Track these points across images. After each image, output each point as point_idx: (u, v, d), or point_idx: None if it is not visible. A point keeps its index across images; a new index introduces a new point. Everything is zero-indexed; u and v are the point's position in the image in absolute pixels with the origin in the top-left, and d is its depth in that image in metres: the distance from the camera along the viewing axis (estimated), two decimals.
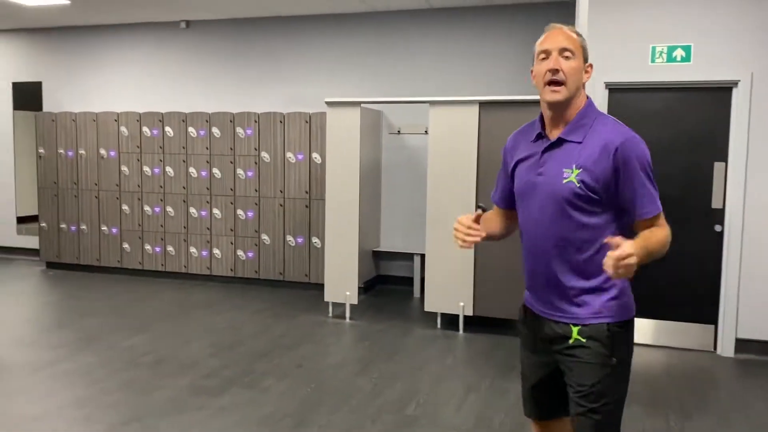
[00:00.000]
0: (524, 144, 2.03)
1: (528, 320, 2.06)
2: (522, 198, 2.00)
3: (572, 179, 1.84)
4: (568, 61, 1.85)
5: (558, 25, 1.92)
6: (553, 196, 1.87)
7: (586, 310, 1.89)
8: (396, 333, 5.22)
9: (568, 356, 1.91)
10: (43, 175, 7.62)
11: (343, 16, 6.86)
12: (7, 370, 4.26)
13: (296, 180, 6.64)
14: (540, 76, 1.88)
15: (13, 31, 8.19)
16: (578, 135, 1.89)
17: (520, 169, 2.01)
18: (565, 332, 1.91)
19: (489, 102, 5.11)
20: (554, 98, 1.86)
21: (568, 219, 1.87)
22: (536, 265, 1.96)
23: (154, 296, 6.36)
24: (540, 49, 1.90)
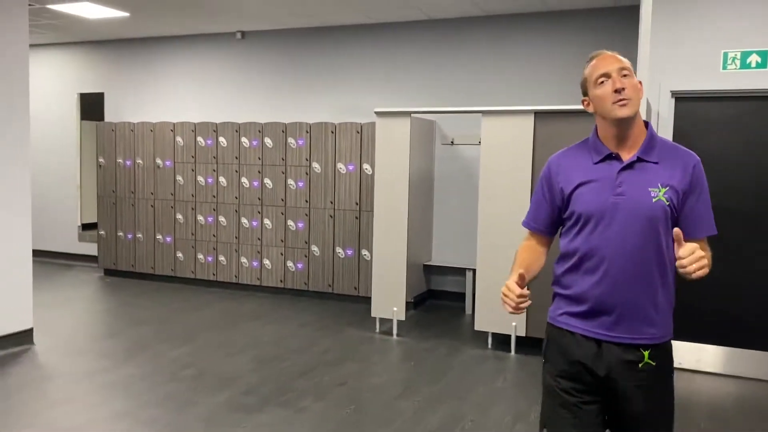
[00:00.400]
0: (581, 166, 1.98)
1: (573, 346, 1.95)
2: (593, 220, 1.92)
3: (661, 197, 1.87)
4: (628, 79, 1.89)
5: (603, 51, 1.96)
6: (642, 215, 1.87)
7: (658, 330, 1.90)
8: (444, 352, 5.01)
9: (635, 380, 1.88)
10: (103, 184, 7.80)
11: (397, 25, 6.74)
12: (55, 377, 4.30)
13: (346, 191, 6.53)
14: (605, 97, 1.89)
15: (78, 43, 8.46)
16: (654, 155, 1.92)
17: (584, 192, 1.95)
18: (635, 357, 1.88)
19: (545, 112, 4.86)
20: (626, 113, 1.87)
21: (654, 238, 1.87)
22: (610, 288, 1.89)
23: (204, 306, 6.36)
24: (598, 73, 1.91)
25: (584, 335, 1.93)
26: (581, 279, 1.94)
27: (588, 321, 1.93)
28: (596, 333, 1.91)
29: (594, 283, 1.91)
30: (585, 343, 1.92)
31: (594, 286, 1.91)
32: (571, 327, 1.96)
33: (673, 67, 4.54)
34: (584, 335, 1.93)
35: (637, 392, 1.88)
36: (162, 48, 7.98)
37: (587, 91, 1.96)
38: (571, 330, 1.96)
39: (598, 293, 1.90)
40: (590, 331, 1.92)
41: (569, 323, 1.97)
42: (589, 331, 1.92)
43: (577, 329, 1.94)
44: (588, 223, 1.92)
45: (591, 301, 1.92)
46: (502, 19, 6.31)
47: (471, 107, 5.43)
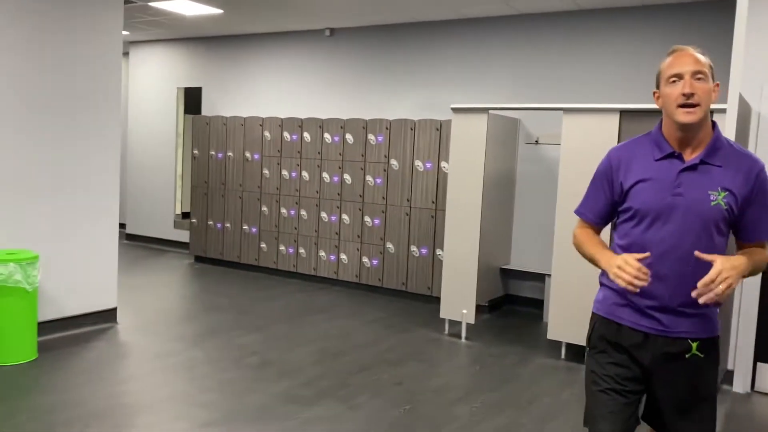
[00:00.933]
0: (643, 161, 1.99)
1: (621, 337, 2.00)
2: (650, 217, 1.94)
3: (720, 201, 1.87)
4: (701, 84, 1.86)
5: (684, 47, 1.93)
6: (699, 218, 1.88)
7: (706, 326, 1.95)
8: (512, 360, 4.82)
9: (681, 370, 1.94)
10: (196, 175, 8.15)
11: (483, 20, 6.57)
12: (129, 356, 4.52)
13: (423, 189, 6.45)
14: (672, 99, 1.89)
15: (179, 40, 8.89)
16: (718, 158, 1.91)
17: (643, 188, 1.96)
18: (683, 348, 1.94)
19: (632, 111, 4.56)
20: (689, 119, 1.86)
21: (709, 240, 1.89)
22: (661, 286, 1.92)
23: (281, 296, 6.49)
24: (671, 72, 1.90)
25: (632, 327, 1.98)
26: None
27: (635, 313, 1.97)
28: (643, 326, 1.96)
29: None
30: (632, 334, 1.97)
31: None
32: (619, 319, 2.00)
33: None
34: (632, 327, 1.98)
35: (681, 381, 1.94)
36: (254, 45, 8.24)
37: (659, 85, 1.95)
38: (618, 322, 2.01)
39: (647, 289, 1.90)
40: (637, 324, 1.97)
41: (617, 314, 2.01)
42: (637, 323, 1.97)
43: (625, 321, 1.99)
44: (644, 219, 1.94)
45: (639, 295, 1.93)
46: (591, 13, 6.00)
47: (555, 105, 5.18)
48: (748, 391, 4.34)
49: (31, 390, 3.81)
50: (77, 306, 4.92)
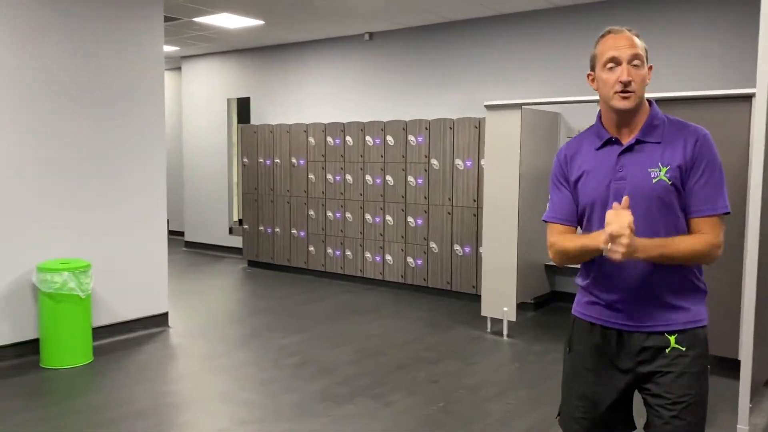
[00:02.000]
0: (584, 154, 1.95)
1: (595, 338, 1.94)
2: (597, 209, 1.89)
3: (662, 177, 1.81)
4: (637, 70, 1.82)
5: (621, 29, 1.88)
6: (644, 198, 1.81)
7: (684, 316, 1.85)
8: (554, 357, 4.77)
9: (662, 368, 1.84)
10: (247, 182, 8.41)
11: (519, 15, 6.52)
12: (177, 358, 4.73)
13: (464, 187, 6.45)
14: (609, 85, 1.84)
15: (227, 52, 9.20)
16: (655, 135, 1.86)
17: (588, 179, 1.92)
18: (661, 342, 1.84)
19: (668, 99, 4.43)
20: (626, 105, 1.83)
21: (660, 220, 1.82)
22: (624, 275, 1.85)
23: (327, 298, 6.62)
24: (608, 56, 1.84)
25: (604, 326, 1.91)
26: (594, 269, 1.92)
27: (606, 310, 1.91)
28: (616, 323, 1.89)
29: (605, 272, 1.88)
30: (606, 333, 1.91)
31: (605, 275, 1.89)
32: (592, 318, 1.95)
33: None
34: (604, 326, 1.91)
35: (664, 378, 1.82)
36: (296, 53, 8.43)
37: (594, 67, 1.91)
38: (591, 321, 1.95)
39: (610, 282, 1.88)
40: (610, 321, 1.90)
41: (589, 314, 1.96)
42: (609, 321, 1.91)
43: (597, 320, 1.93)
44: (593, 211, 1.90)
45: (605, 291, 1.90)
46: (625, 3, 5.85)
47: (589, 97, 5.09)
48: None
49: (85, 390, 4.05)
50: (130, 311, 5.18)
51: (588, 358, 1.94)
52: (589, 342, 1.95)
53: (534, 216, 5.87)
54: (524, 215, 5.34)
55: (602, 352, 1.92)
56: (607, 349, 1.91)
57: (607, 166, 1.87)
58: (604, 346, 1.91)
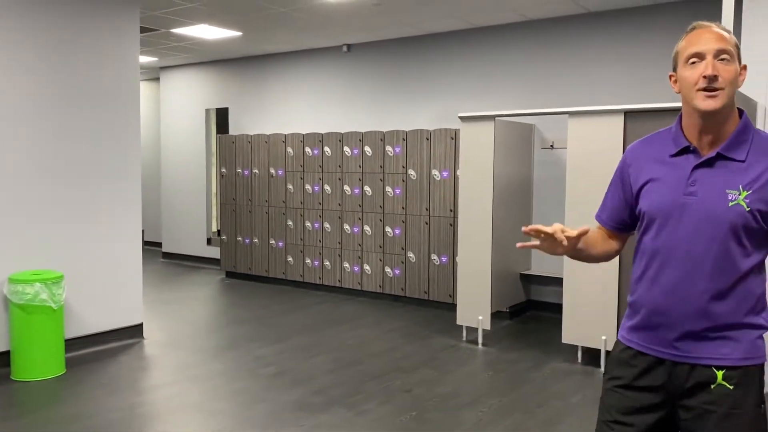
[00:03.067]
0: (657, 158, 1.75)
1: (635, 364, 1.74)
2: (659, 221, 1.70)
3: (740, 201, 1.58)
4: (725, 65, 1.60)
5: (706, 24, 1.66)
6: (713, 220, 1.61)
7: (736, 350, 1.62)
8: (527, 365, 4.81)
9: (706, 405, 1.62)
10: (225, 192, 8.40)
11: (494, 28, 6.62)
12: (150, 369, 4.70)
13: (441, 197, 6.50)
14: (691, 82, 1.62)
15: (205, 63, 9.20)
16: (740, 152, 1.63)
17: (655, 187, 1.73)
18: (706, 377, 1.63)
19: (635, 111, 4.53)
20: (711, 106, 1.60)
21: (725, 251, 1.61)
22: (668, 299, 1.67)
23: (306, 308, 6.62)
24: (691, 51, 1.63)
25: (644, 351, 1.72)
26: (644, 286, 1.73)
27: (649, 334, 1.72)
28: (657, 350, 1.70)
29: (655, 291, 1.69)
30: (643, 360, 1.71)
31: (654, 294, 1.69)
32: (632, 342, 1.76)
33: None
34: (644, 351, 1.72)
35: (706, 419, 1.62)
36: (275, 64, 8.47)
37: (676, 67, 1.70)
38: (630, 345, 1.76)
39: (657, 303, 1.69)
40: (650, 347, 1.71)
41: (630, 338, 1.77)
42: (649, 347, 1.71)
43: (636, 344, 1.74)
44: (653, 223, 1.71)
45: (651, 312, 1.71)
46: (598, 16, 5.97)
47: (559, 108, 5.17)
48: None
49: (56, 402, 4.02)
50: (104, 322, 5.14)
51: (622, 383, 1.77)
52: (624, 366, 1.77)
53: (511, 225, 5.95)
54: (499, 225, 5.41)
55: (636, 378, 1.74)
56: (647, 376, 1.72)
57: (679, 177, 1.67)
58: (644, 373, 1.73)
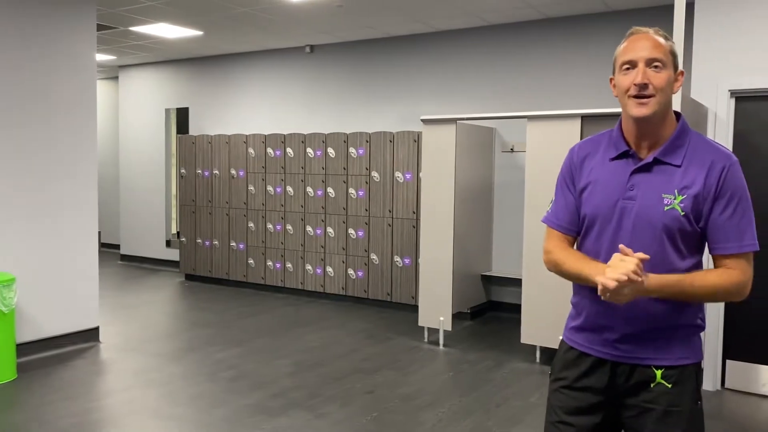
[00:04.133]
0: (598, 160, 1.77)
1: (579, 364, 1.78)
2: (598, 225, 1.73)
3: (675, 206, 1.63)
4: (657, 73, 1.64)
5: (643, 30, 1.69)
6: (650, 226, 1.64)
7: (673, 350, 1.69)
8: (487, 365, 4.87)
9: (646, 403, 1.68)
10: (184, 194, 8.27)
11: (456, 32, 6.68)
12: (106, 373, 4.60)
13: (404, 199, 6.53)
14: (624, 88, 1.67)
15: (165, 62, 9.06)
16: (676, 157, 1.67)
17: (593, 191, 1.75)
18: (646, 377, 1.68)
19: (592, 115, 4.63)
20: (642, 113, 1.64)
21: (662, 254, 1.64)
22: (613, 304, 1.67)
23: (267, 311, 6.57)
24: (625, 59, 1.67)
25: (586, 352, 1.77)
26: (585, 289, 1.76)
27: (591, 336, 1.76)
28: (599, 351, 1.74)
29: (595, 295, 1.67)
30: (587, 361, 1.76)
31: (596, 298, 1.68)
32: (575, 343, 1.81)
33: (732, 63, 4.18)
34: (586, 352, 1.77)
35: (647, 417, 1.68)
36: (237, 64, 8.39)
37: (615, 71, 1.73)
38: (573, 346, 1.81)
39: (599, 306, 1.72)
40: (592, 348, 1.76)
41: (573, 339, 1.82)
42: (591, 348, 1.76)
43: (579, 345, 1.79)
44: (593, 226, 1.74)
45: (591, 315, 1.76)
46: (557, 21, 6.09)
47: (518, 112, 5.25)
48: (718, 388, 4.36)
49: (7, 408, 3.89)
50: (58, 326, 5.01)
51: (566, 383, 1.80)
52: (569, 367, 1.80)
53: (472, 227, 6.01)
54: (460, 226, 5.46)
55: (581, 378, 1.77)
56: (587, 376, 1.76)
57: (618, 181, 1.70)
58: (583, 373, 1.77)
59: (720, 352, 4.33)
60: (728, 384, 4.35)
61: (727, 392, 4.33)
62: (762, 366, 4.24)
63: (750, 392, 4.29)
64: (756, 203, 1.66)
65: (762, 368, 4.24)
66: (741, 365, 4.30)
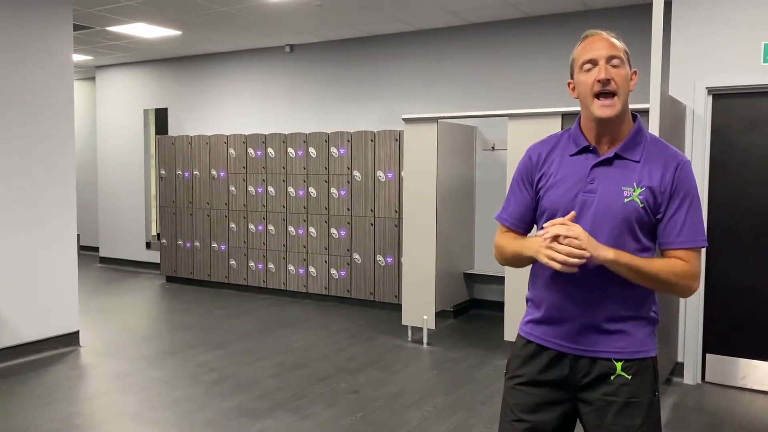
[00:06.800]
0: (558, 156, 1.82)
1: (538, 359, 1.80)
2: (560, 217, 1.74)
3: (635, 198, 1.69)
4: (617, 70, 1.71)
5: (597, 31, 1.77)
6: (610, 217, 1.70)
7: (631, 343, 1.73)
8: (471, 363, 4.88)
9: (607, 396, 1.72)
10: (164, 195, 8.19)
11: (436, 31, 6.69)
12: (87, 378, 4.54)
13: (386, 198, 6.53)
14: (587, 87, 1.72)
15: (143, 62, 8.96)
16: (635, 153, 1.75)
17: (554, 186, 1.80)
18: (606, 369, 1.72)
19: (573, 113, 4.66)
20: (608, 114, 1.71)
21: (623, 242, 1.69)
22: (572, 295, 1.74)
23: (249, 312, 6.53)
24: (585, 58, 1.73)
25: (544, 345, 1.79)
26: (543, 282, 1.80)
27: (550, 329, 1.78)
28: (558, 344, 1.76)
29: (553, 287, 1.77)
30: (546, 354, 1.78)
31: (553, 290, 1.77)
32: (533, 336, 1.82)
33: (709, 61, 4.24)
34: (544, 345, 1.79)
35: (607, 409, 1.71)
36: (216, 64, 8.32)
37: (573, 74, 1.79)
38: (531, 339, 1.82)
39: (556, 298, 1.76)
40: (551, 341, 1.78)
41: (531, 332, 1.83)
42: (550, 341, 1.78)
43: (537, 339, 1.81)
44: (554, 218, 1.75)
45: (551, 307, 1.78)
46: (537, 20, 6.12)
47: (501, 111, 5.27)
48: (698, 382, 4.42)
49: None
50: (37, 331, 4.93)
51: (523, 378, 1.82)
52: (527, 361, 1.82)
53: (454, 225, 6.02)
54: (442, 225, 5.47)
55: (539, 372, 1.79)
56: (546, 369, 1.78)
57: (579, 175, 1.76)
58: (542, 366, 1.79)
59: (700, 346, 4.38)
60: (708, 378, 4.41)
61: (707, 385, 4.39)
62: (741, 359, 4.30)
63: (729, 385, 4.35)
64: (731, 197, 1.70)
65: (741, 361, 4.30)
66: (720, 359, 4.37)
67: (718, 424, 3.75)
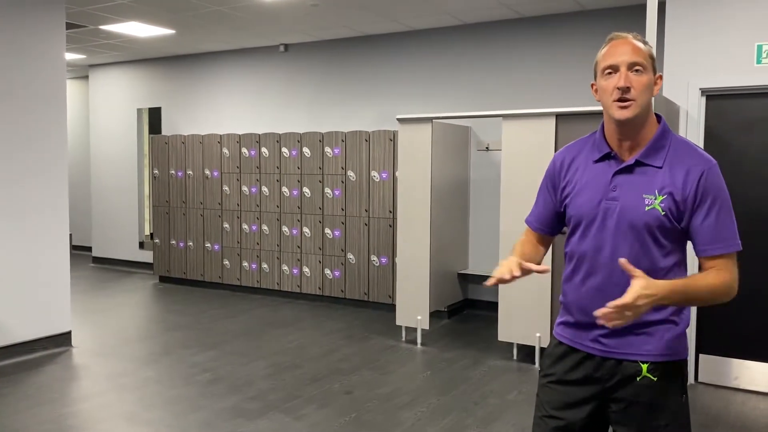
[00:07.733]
0: (582, 163, 1.84)
1: (567, 359, 1.85)
2: (583, 225, 1.81)
3: (656, 206, 1.69)
4: (638, 77, 1.69)
5: (623, 35, 1.74)
6: (632, 224, 1.71)
7: (657, 346, 1.74)
8: (465, 363, 4.88)
9: (633, 398, 1.74)
10: (157, 195, 8.16)
11: (431, 31, 6.69)
12: (79, 378, 4.52)
13: (380, 199, 6.52)
14: (607, 92, 1.72)
15: (137, 61, 8.93)
16: (657, 158, 1.73)
17: (578, 193, 1.82)
18: (632, 371, 1.74)
19: (566, 114, 4.66)
20: (624, 115, 1.69)
21: (646, 250, 1.71)
22: (601, 299, 1.70)
23: (242, 313, 6.51)
24: (606, 63, 1.72)
25: (574, 347, 1.83)
26: (573, 286, 1.84)
27: (579, 332, 1.83)
28: (587, 346, 1.80)
29: (583, 291, 1.81)
30: (575, 356, 1.82)
31: (582, 294, 1.80)
32: (564, 338, 1.87)
33: (703, 62, 4.25)
34: (574, 347, 1.83)
35: (633, 410, 1.73)
36: (210, 63, 8.30)
37: (596, 77, 1.79)
38: (562, 341, 1.87)
39: (585, 303, 1.79)
40: (580, 343, 1.82)
41: (562, 334, 1.88)
42: (580, 343, 1.82)
43: (568, 341, 1.86)
44: (579, 227, 1.81)
45: (580, 311, 1.82)
46: (532, 21, 6.13)
47: (494, 111, 5.27)
48: (691, 382, 4.43)
49: None
50: (29, 331, 4.90)
51: (554, 378, 1.86)
52: (558, 362, 1.86)
53: (448, 225, 6.02)
54: (437, 225, 5.47)
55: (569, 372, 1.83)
56: (576, 370, 1.82)
57: (602, 182, 1.77)
58: (572, 367, 1.83)
59: (693, 346, 4.39)
60: (701, 378, 4.43)
61: (700, 386, 4.41)
62: (733, 360, 4.32)
63: (722, 385, 4.36)
64: None
65: (733, 362, 4.32)
66: (713, 359, 4.38)
67: (711, 425, 3.76)
